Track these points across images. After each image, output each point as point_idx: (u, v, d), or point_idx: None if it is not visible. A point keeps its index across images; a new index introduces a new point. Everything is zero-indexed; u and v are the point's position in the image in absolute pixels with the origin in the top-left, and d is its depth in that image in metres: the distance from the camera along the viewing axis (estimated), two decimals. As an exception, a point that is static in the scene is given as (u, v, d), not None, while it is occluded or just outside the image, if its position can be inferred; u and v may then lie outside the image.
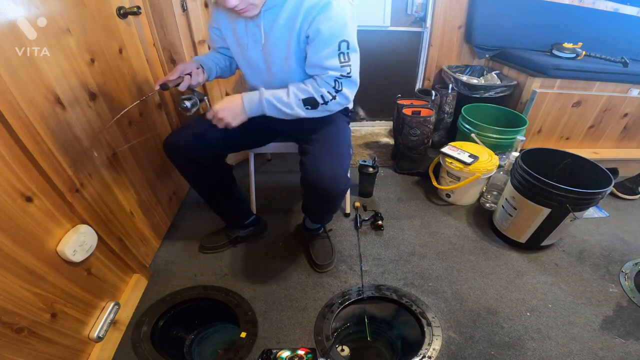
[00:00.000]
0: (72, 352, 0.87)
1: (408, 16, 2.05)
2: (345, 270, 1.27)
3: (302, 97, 0.91)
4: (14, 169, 0.71)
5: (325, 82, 0.91)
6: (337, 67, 0.89)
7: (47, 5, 0.80)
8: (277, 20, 0.90)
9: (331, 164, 0.94)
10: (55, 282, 0.81)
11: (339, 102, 0.94)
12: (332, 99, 0.93)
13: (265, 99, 0.91)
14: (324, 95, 0.92)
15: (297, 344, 0.98)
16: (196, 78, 0.97)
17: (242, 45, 0.99)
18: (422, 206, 1.63)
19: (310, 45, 0.89)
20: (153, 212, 1.31)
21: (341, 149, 1.01)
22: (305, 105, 0.92)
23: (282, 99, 0.91)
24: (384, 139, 2.29)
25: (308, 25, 0.86)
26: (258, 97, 0.92)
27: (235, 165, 1.87)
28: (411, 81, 2.28)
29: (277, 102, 0.91)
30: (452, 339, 1.05)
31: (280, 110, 0.93)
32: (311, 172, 0.93)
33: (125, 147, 0.91)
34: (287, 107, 0.92)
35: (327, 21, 0.84)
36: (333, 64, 0.88)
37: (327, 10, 0.84)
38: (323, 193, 0.95)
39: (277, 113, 0.94)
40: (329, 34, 0.86)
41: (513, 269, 1.29)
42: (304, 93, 0.91)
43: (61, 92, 0.84)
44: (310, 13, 0.85)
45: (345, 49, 0.88)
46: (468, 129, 1.76)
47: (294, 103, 0.91)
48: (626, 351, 1.02)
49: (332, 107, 0.95)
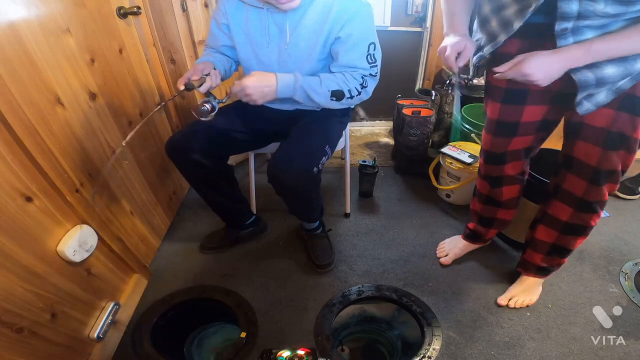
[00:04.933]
0: (72, 352, 0.87)
1: (408, 16, 2.05)
2: (345, 270, 1.27)
3: (333, 88, 0.95)
4: (14, 169, 0.71)
5: (354, 78, 0.96)
6: (367, 67, 0.96)
7: (47, 5, 0.80)
8: (303, 21, 0.92)
9: (291, 158, 0.94)
10: (55, 282, 0.81)
11: (361, 97, 1.00)
12: (358, 94, 0.98)
13: (300, 85, 0.92)
14: (351, 90, 0.97)
15: (297, 344, 0.98)
16: (215, 80, 0.95)
17: (256, 44, 0.98)
18: (422, 206, 1.63)
19: (341, 47, 0.93)
20: (153, 212, 1.31)
21: (311, 145, 1.00)
22: (332, 96, 0.96)
23: (315, 88, 0.94)
24: (384, 139, 2.29)
25: (340, 28, 0.91)
26: (293, 82, 0.92)
27: (235, 165, 1.87)
28: (411, 81, 2.28)
29: (309, 89, 0.93)
30: (452, 339, 1.05)
31: (309, 97, 0.94)
32: (270, 165, 0.94)
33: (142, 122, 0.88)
34: (317, 95, 0.94)
35: (359, 25, 0.91)
36: (362, 64, 0.95)
37: (359, 14, 0.90)
38: (281, 187, 0.97)
39: (304, 99, 0.96)
40: (360, 37, 0.92)
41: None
42: (335, 85, 0.95)
43: (61, 92, 0.84)
44: (342, 16, 0.89)
45: (373, 51, 0.95)
46: (468, 129, 1.76)
47: (323, 93, 0.94)
48: (626, 351, 1.02)
49: (354, 101, 1.00)
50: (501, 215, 1.19)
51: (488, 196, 1.15)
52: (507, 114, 0.95)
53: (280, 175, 0.92)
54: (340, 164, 1.96)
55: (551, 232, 1.03)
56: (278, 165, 0.92)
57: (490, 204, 1.17)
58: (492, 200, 1.15)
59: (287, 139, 1.01)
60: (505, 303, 1.14)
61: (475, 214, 1.24)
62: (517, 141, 0.98)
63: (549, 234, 1.04)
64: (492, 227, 1.23)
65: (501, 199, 1.13)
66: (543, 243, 1.07)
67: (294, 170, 0.92)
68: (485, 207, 1.19)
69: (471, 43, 0.88)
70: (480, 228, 1.25)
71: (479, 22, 0.90)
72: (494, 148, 1.03)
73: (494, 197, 1.14)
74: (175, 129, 1.48)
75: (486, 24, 0.86)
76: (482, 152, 1.09)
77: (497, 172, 1.08)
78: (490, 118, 0.99)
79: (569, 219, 0.97)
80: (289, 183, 0.93)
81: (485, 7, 0.84)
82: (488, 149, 1.05)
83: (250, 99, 0.91)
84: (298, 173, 0.93)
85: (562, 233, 1.01)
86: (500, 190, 1.11)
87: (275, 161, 0.93)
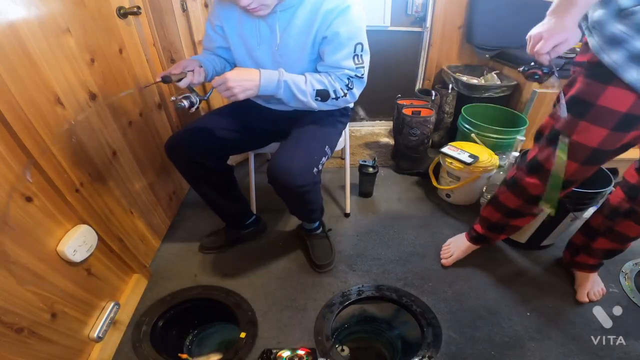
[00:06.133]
0: (72, 352, 0.87)
1: (408, 16, 2.05)
2: (345, 270, 1.27)
3: (318, 87, 0.93)
4: (14, 169, 0.71)
5: (340, 78, 0.95)
6: (352, 67, 0.94)
7: (47, 5, 0.80)
8: (293, 21, 0.91)
9: (291, 158, 0.94)
10: (55, 282, 0.81)
11: (347, 99, 0.98)
12: (343, 95, 0.96)
13: (284, 81, 0.90)
14: (336, 91, 0.95)
15: (297, 344, 0.98)
16: (198, 77, 0.95)
17: (249, 45, 0.98)
18: (422, 206, 1.63)
19: (327, 46, 0.92)
20: (153, 212, 1.31)
21: (311, 145, 1.00)
22: (317, 96, 0.94)
23: (300, 86, 0.92)
24: (384, 139, 2.29)
25: (326, 27, 0.89)
26: (277, 78, 0.89)
27: (235, 165, 1.87)
28: (411, 81, 2.28)
29: (294, 87, 0.91)
30: (452, 339, 1.05)
31: (294, 95, 0.92)
32: (270, 165, 0.94)
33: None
34: (302, 94, 0.92)
35: (346, 24, 0.89)
36: (348, 64, 0.93)
37: (346, 14, 0.88)
38: (281, 188, 0.96)
39: (289, 97, 0.93)
40: (347, 37, 0.90)
41: (513, 269, 1.29)
42: (320, 84, 0.93)
43: (61, 92, 0.84)
44: (329, 16, 0.88)
45: (360, 51, 0.93)
46: (468, 129, 1.76)
47: (308, 92, 0.93)
48: (626, 351, 1.02)
49: (340, 103, 0.98)
50: (517, 224, 1.15)
51: (514, 210, 1.08)
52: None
53: (280, 176, 0.92)
54: (340, 164, 1.96)
55: (614, 244, 1.07)
56: (278, 166, 0.92)
57: (511, 216, 1.12)
58: (518, 212, 1.09)
59: (287, 140, 1.01)
60: (587, 299, 1.15)
61: (486, 220, 1.20)
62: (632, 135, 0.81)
63: (610, 245, 1.07)
64: (503, 233, 1.22)
65: (529, 211, 1.07)
66: (600, 251, 1.10)
67: (294, 171, 0.92)
68: (503, 218, 1.14)
69: (575, 36, 0.73)
70: (490, 234, 1.23)
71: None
72: (605, 145, 0.82)
73: (522, 210, 1.07)
74: (175, 129, 1.48)
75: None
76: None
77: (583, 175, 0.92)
78: (616, 110, 0.77)
79: (637, 234, 1.00)
80: (289, 184, 0.93)
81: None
82: (597, 146, 0.83)
83: (230, 93, 0.85)
84: (298, 174, 0.92)
85: (624, 243, 1.05)
86: (535, 206, 1.02)
87: (275, 162, 0.93)
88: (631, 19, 0.69)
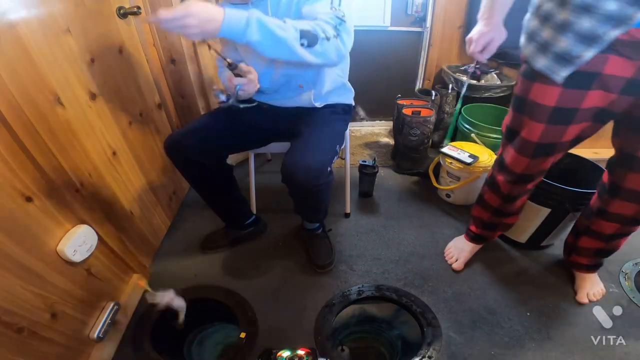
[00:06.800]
0: (72, 352, 0.87)
1: (408, 16, 2.05)
2: (345, 270, 1.27)
3: (301, 27, 0.81)
4: (14, 169, 0.71)
5: (324, 21, 0.86)
6: (332, 14, 0.86)
7: (47, 5, 0.80)
8: (280, 1, 0.92)
9: (307, 157, 0.93)
10: (55, 282, 0.81)
11: (337, 46, 0.87)
12: (334, 36, 0.85)
13: (256, 18, 0.75)
14: (325, 31, 0.84)
15: (297, 344, 0.98)
16: (250, 86, 0.90)
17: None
18: (422, 206, 1.63)
19: (304, 5, 0.90)
20: (153, 212, 1.31)
21: (324, 144, 0.99)
22: (302, 38, 0.81)
23: (279, 24, 0.79)
24: (384, 139, 2.29)
25: None
26: (247, 15, 0.75)
27: (235, 165, 1.87)
28: (411, 81, 2.28)
29: (272, 24, 0.77)
30: (452, 339, 1.05)
31: (272, 33, 0.77)
32: (287, 164, 0.93)
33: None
34: (283, 31, 0.78)
35: None
36: (327, 10, 0.87)
37: None
38: (297, 186, 0.95)
39: (266, 37, 0.77)
40: None
41: (513, 269, 1.29)
42: (305, 25, 0.83)
43: (61, 92, 0.84)
44: None
45: (337, 5, 0.88)
46: (468, 129, 1.76)
47: (290, 31, 0.80)
48: (626, 351, 1.02)
49: (330, 47, 0.86)
50: (507, 221, 1.19)
51: (497, 208, 1.13)
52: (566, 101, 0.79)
53: (298, 174, 0.91)
54: (340, 164, 1.95)
55: (595, 242, 1.07)
56: (294, 165, 0.91)
57: (498, 215, 1.16)
58: (500, 211, 1.14)
59: (300, 138, 1.00)
60: (587, 300, 1.16)
61: (479, 220, 1.23)
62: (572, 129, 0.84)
63: (593, 243, 1.08)
64: (496, 230, 1.24)
65: (512, 210, 1.13)
66: (587, 249, 1.11)
67: (311, 170, 0.91)
68: (492, 217, 1.17)
69: (500, 35, 0.84)
70: (485, 232, 1.25)
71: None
72: (546, 139, 0.86)
73: (503, 209, 1.12)
74: (175, 129, 1.48)
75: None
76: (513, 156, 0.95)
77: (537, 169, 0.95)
78: (544, 105, 0.82)
79: (614, 231, 1.00)
80: (307, 183, 0.92)
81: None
82: (539, 140, 0.87)
83: (184, 29, 0.71)
84: (315, 173, 0.92)
85: (607, 241, 1.05)
86: (514, 204, 1.09)
87: (291, 160, 0.92)
88: (539, 13, 0.76)
